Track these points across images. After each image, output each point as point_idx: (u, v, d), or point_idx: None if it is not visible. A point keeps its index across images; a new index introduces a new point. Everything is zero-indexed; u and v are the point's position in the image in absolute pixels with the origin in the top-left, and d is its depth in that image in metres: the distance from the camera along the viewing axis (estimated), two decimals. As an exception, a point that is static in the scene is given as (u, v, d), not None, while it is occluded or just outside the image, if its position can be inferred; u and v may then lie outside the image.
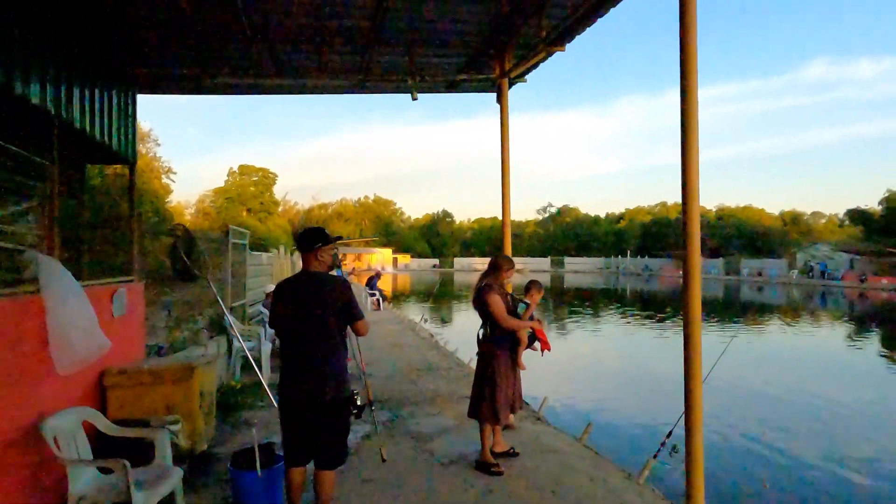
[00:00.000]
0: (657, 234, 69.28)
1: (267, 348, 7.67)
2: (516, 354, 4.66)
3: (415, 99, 6.80)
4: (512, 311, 4.61)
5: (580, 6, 5.12)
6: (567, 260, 76.47)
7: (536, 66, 6.32)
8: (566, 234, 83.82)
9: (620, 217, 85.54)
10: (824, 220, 76.82)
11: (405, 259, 78.03)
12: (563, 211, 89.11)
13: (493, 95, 6.76)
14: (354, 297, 3.42)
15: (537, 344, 4.78)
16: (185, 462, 4.08)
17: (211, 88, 7.58)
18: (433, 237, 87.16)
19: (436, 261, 79.20)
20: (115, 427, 3.67)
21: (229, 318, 7.37)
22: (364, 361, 5.57)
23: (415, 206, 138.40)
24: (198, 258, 6.29)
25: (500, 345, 4.52)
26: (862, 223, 53.27)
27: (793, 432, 7.68)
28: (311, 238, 3.39)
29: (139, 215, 6.36)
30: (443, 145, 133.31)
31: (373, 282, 19.53)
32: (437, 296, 28.80)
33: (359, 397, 3.38)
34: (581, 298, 32.06)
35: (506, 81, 6.46)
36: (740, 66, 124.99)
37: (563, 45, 5.64)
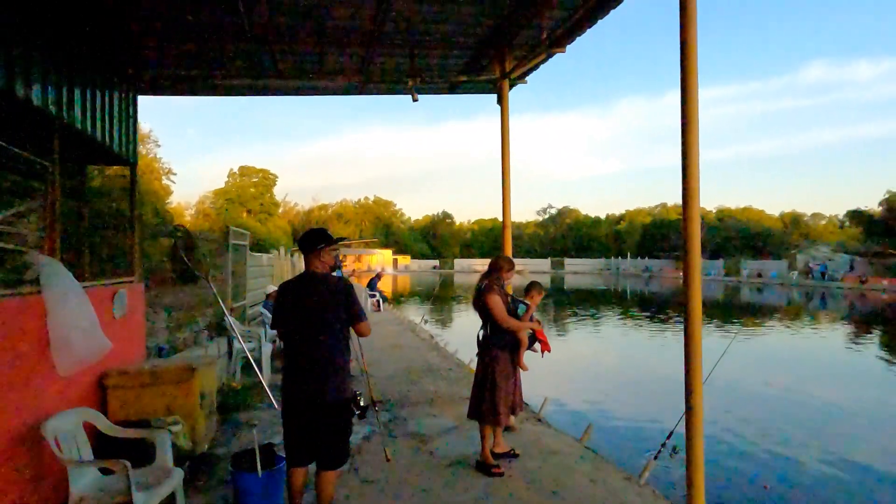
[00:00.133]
0: (657, 236, 69.23)
1: (267, 349, 7.67)
2: (517, 355, 4.66)
3: (415, 100, 6.81)
4: (512, 312, 4.62)
5: (580, 8, 5.12)
6: (567, 261, 76.51)
7: (537, 67, 6.33)
8: (566, 236, 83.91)
9: (620, 218, 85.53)
10: (824, 222, 76.89)
11: (405, 260, 78.03)
12: (564, 212, 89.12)
13: (494, 97, 6.77)
14: (357, 297, 3.43)
15: (537, 345, 4.79)
16: (186, 463, 4.08)
17: (211, 89, 7.60)
18: (433, 238, 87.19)
19: (436, 262, 79.20)
20: (116, 428, 3.67)
21: (229, 319, 7.37)
22: (366, 362, 5.58)
23: (415, 208, 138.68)
24: (198, 259, 6.29)
25: (500, 346, 4.52)
26: (862, 224, 53.27)
27: (793, 434, 7.68)
28: (314, 239, 3.39)
29: (140, 216, 6.37)
30: (443, 146, 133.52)
31: (373, 283, 19.47)
32: (437, 297, 28.79)
33: (362, 398, 3.39)
34: (581, 299, 32.05)
35: (506, 83, 6.46)
36: (740, 68, 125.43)
37: (564, 47, 5.65)
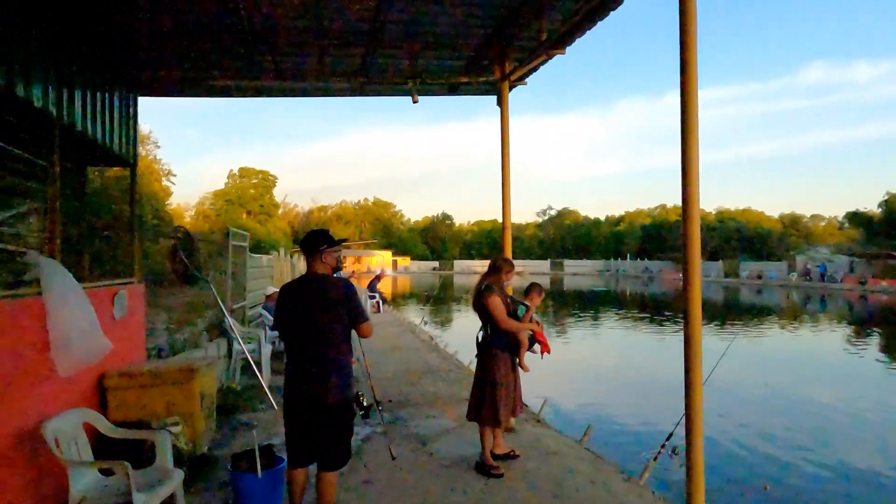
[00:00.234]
0: (657, 237, 69.28)
1: (267, 350, 7.67)
2: (517, 357, 4.66)
3: (415, 101, 6.81)
4: (512, 313, 4.62)
5: (580, 9, 5.13)
6: (567, 262, 76.49)
7: (537, 68, 6.34)
8: (566, 237, 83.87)
9: (620, 219, 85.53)
10: (824, 223, 76.89)
11: (405, 261, 78.01)
12: (563, 213, 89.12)
13: (494, 98, 6.77)
14: (359, 298, 3.43)
15: (537, 346, 4.78)
16: (186, 464, 4.07)
17: (211, 91, 7.60)
18: (433, 239, 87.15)
19: (435, 263, 79.20)
20: (116, 429, 3.67)
21: (229, 320, 7.38)
22: (368, 363, 5.60)
23: (414, 209, 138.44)
24: (198, 260, 6.30)
25: (500, 347, 4.52)
26: (862, 226, 53.35)
27: (793, 434, 7.68)
28: (316, 240, 3.40)
29: (140, 217, 6.38)
30: (443, 148, 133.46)
31: (373, 284, 19.44)
32: (437, 298, 28.80)
33: (364, 398, 3.39)
34: (581, 300, 32.05)
35: (506, 84, 6.47)
36: (740, 69, 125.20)
37: (564, 48, 5.65)
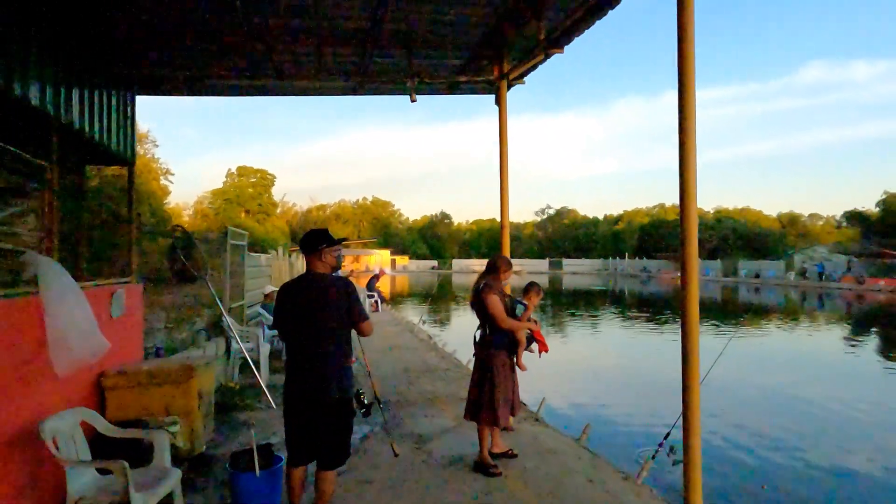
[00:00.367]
0: (655, 236, 69.31)
1: (265, 349, 7.67)
2: (515, 356, 4.67)
3: (413, 101, 6.82)
4: (511, 311, 4.62)
5: (578, 9, 5.14)
6: (565, 261, 76.53)
7: (535, 67, 6.34)
8: (564, 236, 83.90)
9: (618, 219, 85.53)
10: (822, 222, 77.03)
11: (403, 260, 77.98)
12: (562, 212, 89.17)
13: (492, 97, 6.78)
14: (359, 297, 3.43)
15: (535, 346, 4.79)
16: (184, 463, 4.08)
17: (209, 90, 7.59)
18: (431, 239, 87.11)
19: (434, 262, 79.17)
20: (114, 428, 3.67)
21: (228, 319, 7.37)
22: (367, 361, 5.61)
23: (413, 208, 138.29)
24: (196, 259, 6.29)
25: (498, 346, 4.53)
26: (859, 225, 53.46)
27: (791, 434, 7.69)
28: (316, 240, 3.40)
29: (138, 216, 6.37)
30: (441, 147, 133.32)
31: (372, 283, 19.39)
32: (436, 297, 28.79)
33: (365, 396, 3.40)
34: (580, 300, 32.07)
35: (504, 83, 6.48)
36: (738, 69, 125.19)
37: (562, 48, 5.66)
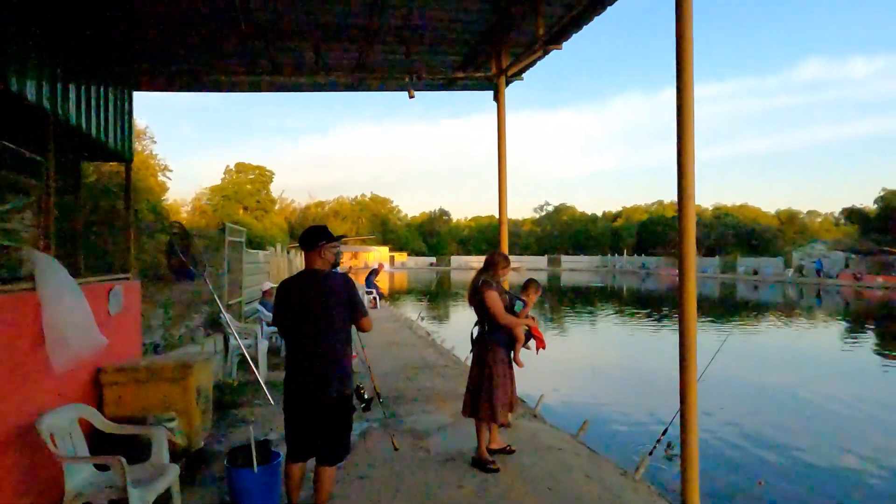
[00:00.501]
0: (654, 233, 69.39)
1: (264, 346, 7.67)
2: (513, 352, 4.67)
3: (412, 97, 6.81)
4: (509, 308, 4.62)
5: (576, 5, 5.12)
6: (564, 258, 76.59)
7: (533, 64, 6.33)
8: (563, 233, 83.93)
9: (617, 215, 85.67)
10: (820, 219, 77.20)
11: (402, 257, 77.97)
12: (560, 209, 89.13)
13: (490, 93, 6.76)
14: (358, 293, 3.44)
15: (533, 342, 4.79)
16: (182, 459, 4.08)
17: (208, 86, 7.56)
18: (430, 235, 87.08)
19: (433, 259, 79.20)
20: (112, 424, 3.67)
21: (226, 315, 7.37)
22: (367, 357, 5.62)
23: (412, 205, 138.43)
24: (194, 256, 6.28)
25: (496, 342, 4.53)
26: (857, 222, 53.54)
27: (788, 430, 7.71)
28: (315, 236, 3.40)
29: (135, 213, 6.36)
30: (440, 143, 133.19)
31: (370, 279, 19.32)
32: (434, 294, 28.80)
33: (365, 391, 3.40)
34: (579, 297, 32.11)
35: (503, 79, 6.46)
36: (736, 65, 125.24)
37: (560, 44, 5.65)
